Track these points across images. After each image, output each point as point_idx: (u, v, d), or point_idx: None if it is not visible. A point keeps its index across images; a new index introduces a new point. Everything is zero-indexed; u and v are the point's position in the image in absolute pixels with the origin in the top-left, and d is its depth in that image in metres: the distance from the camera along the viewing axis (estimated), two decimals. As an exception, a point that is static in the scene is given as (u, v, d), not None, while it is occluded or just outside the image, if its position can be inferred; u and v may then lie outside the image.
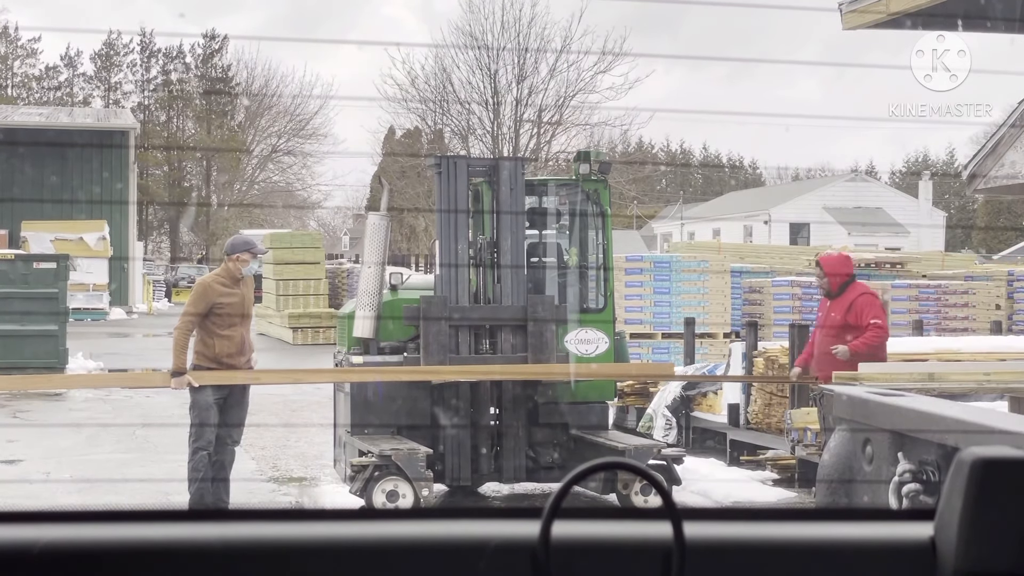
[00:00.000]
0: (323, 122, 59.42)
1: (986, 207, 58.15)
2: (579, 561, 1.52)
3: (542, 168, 35.29)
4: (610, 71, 36.50)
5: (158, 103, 66.69)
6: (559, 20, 49.51)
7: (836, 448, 5.00)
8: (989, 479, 1.54)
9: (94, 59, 67.79)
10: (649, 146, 61.62)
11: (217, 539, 1.54)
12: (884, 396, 4.89)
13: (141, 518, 1.58)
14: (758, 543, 1.59)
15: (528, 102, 37.53)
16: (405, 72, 38.17)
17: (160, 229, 64.03)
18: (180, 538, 1.54)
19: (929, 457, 4.39)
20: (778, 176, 76.77)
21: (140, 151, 48.72)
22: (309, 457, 11.54)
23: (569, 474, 1.54)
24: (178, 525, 1.57)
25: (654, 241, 58.14)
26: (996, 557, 1.52)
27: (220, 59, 66.37)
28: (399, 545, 1.55)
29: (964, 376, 9.38)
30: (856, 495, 4.92)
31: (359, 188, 55.30)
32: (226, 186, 60.90)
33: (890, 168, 74.51)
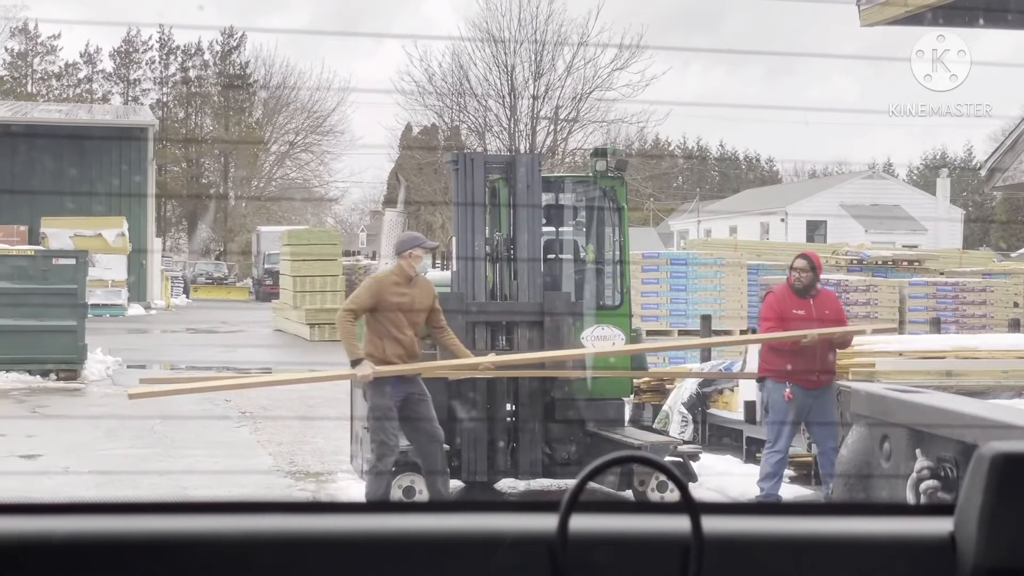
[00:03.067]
0: (340, 119, 59.53)
1: (1004, 204, 57.89)
2: (596, 554, 1.51)
3: (559, 165, 35.28)
4: (627, 68, 36.50)
5: (177, 100, 66.90)
6: (575, 17, 49.50)
7: (854, 444, 4.98)
8: (1010, 474, 1.53)
9: (113, 56, 68.09)
10: (666, 143, 61.55)
11: (233, 531, 1.54)
12: (902, 392, 4.87)
13: (157, 510, 1.58)
14: (776, 538, 1.58)
15: (545, 99, 37.54)
16: (423, 69, 38.23)
17: (178, 225, 64.21)
18: (196, 530, 1.54)
19: (947, 454, 4.37)
20: (795, 173, 76.60)
21: (159, 147, 48.85)
22: (326, 453, 11.56)
23: (587, 468, 1.53)
24: (193, 517, 1.57)
25: (671, 238, 58.05)
26: (1017, 552, 1.51)
27: (238, 56, 66.58)
28: (416, 538, 1.54)
29: (982, 374, 9.35)
30: (873, 491, 4.90)
31: (376, 185, 55.37)
32: (244, 182, 61.04)
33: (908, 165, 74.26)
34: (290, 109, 60.71)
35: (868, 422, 4.95)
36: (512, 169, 9.69)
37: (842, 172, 65.20)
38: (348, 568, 1.53)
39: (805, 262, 9.33)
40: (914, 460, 4.46)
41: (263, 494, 9.41)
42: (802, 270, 9.24)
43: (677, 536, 1.51)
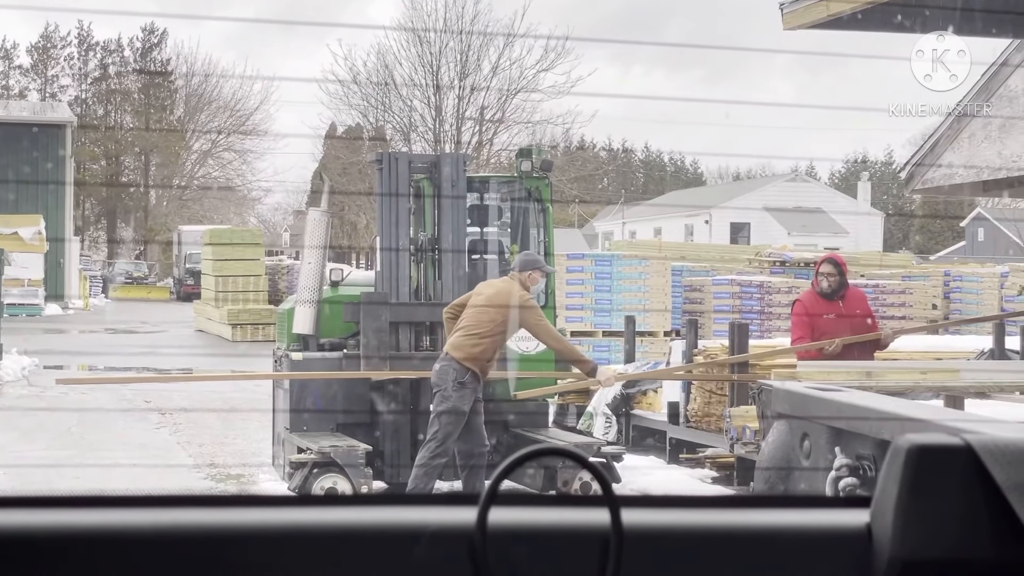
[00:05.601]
0: (264, 118, 59.07)
1: (923, 208, 58.91)
2: (516, 547, 1.50)
3: (484, 165, 35.30)
4: (552, 69, 36.62)
5: (96, 96, 65.96)
6: (501, 18, 49.54)
7: (774, 442, 5.03)
8: (924, 465, 1.54)
9: (31, 51, 66.96)
10: (591, 145, 61.79)
11: (150, 525, 1.51)
12: (822, 391, 4.92)
13: (75, 504, 1.55)
14: (696, 530, 1.59)
15: (471, 99, 37.55)
16: (347, 68, 38.06)
17: (97, 224, 63.32)
18: (113, 524, 1.52)
19: (865, 451, 4.43)
20: (719, 175, 77.33)
21: (77, 144, 48.12)
22: (247, 454, 11.46)
23: (506, 460, 1.53)
24: (110, 511, 1.54)
25: (596, 240, 58.34)
26: (931, 542, 1.52)
27: (159, 53, 65.82)
28: (335, 531, 1.53)
29: (900, 375, 9.48)
30: (793, 488, 4.95)
31: (299, 184, 55.00)
32: (164, 181, 60.34)
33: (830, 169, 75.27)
34: (212, 107, 60.13)
35: (788, 420, 5.00)
36: (437, 168, 9.67)
37: (766, 175, 65.98)
38: (268, 562, 1.51)
39: (832, 267, 9.34)
40: (833, 457, 4.51)
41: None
42: (829, 275, 9.27)
43: (597, 529, 1.50)
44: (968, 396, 7.54)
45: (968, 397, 7.55)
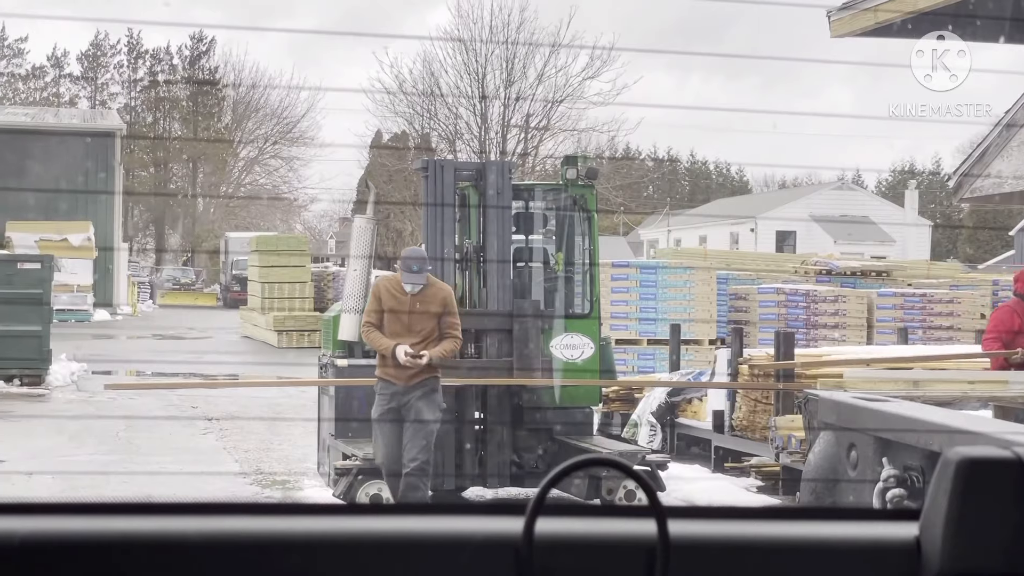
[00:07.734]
0: (310, 125, 59.40)
1: (972, 217, 58.35)
2: (562, 557, 1.50)
3: (529, 173, 35.31)
4: (598, 77, 36.57)
5: (145, 104, 66.61)
6: (547, 25, 49.55)
7: (821, 452, 4.99)
8: (975, 478, 1.53)
9: (81, 59, 67.73)
10: (636, 152, 61.66)
11: (196, 533, 1.52)
12: (869, 401, 4.88)
13: (120, 511, 1.56)
14: (743, 541, 1.58)
15: (516, 106, 37.58)
16: (393, 76, 38.19)
17: (146, 231, 63.89)
18: (159, 531, 1.53)
19: (913, 462, 4.39)
20: (765, 183, 76.95)
21: (127, 151, 48.58)
22: (292, 460, 11.51)
23: (554, 470, 1.53)
24: (157, 519, 1.55)
25: (641, 247, 58.19)
26: (981, 556, 1.51)
27: (207, 60, 66.37)
28: (382, 540, 1.53)
29: (948, 384, 9.39)
30: (840, 499, 4.91)
31: (345, 192, 55.25)
32: (212, 188, 60.80)
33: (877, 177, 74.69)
34: (260, 115, 60.55)
35: (835, 431, 4.97)
36: (482, 176, 9.68)
37: (812, 183, 65.59)
38: (314, 571, 1.52)
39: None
40: (881, 468, 4.47)
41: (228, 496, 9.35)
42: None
43: (643, 540, 1.50)
44: (1017, 407, 7.47)
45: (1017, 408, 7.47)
